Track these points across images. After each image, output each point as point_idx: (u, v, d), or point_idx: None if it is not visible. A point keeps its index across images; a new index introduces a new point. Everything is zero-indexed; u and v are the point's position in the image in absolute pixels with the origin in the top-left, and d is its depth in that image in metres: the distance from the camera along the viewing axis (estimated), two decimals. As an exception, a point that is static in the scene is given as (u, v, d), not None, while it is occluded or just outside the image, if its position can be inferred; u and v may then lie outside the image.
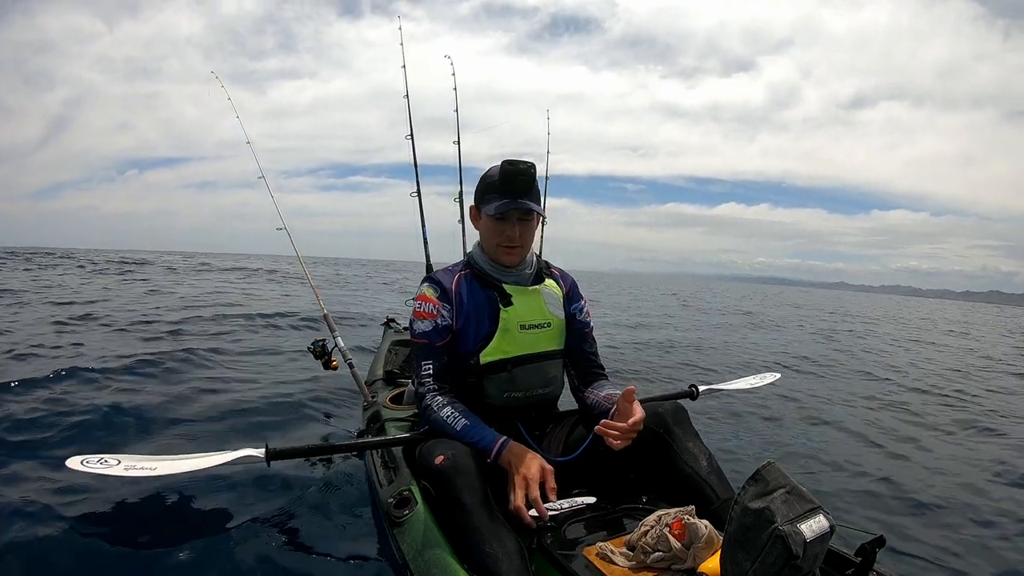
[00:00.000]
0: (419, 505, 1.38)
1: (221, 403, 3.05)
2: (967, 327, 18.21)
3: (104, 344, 4.42)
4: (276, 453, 1.46)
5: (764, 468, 1.01)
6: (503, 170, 1.47)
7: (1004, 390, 5.95)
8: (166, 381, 3.45)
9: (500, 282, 1.55)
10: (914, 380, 6.13)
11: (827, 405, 4.48)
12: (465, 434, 1.38)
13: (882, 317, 18.11)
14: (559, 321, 1.61)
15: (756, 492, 0.98)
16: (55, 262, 18.88)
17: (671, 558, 1.11)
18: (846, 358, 7.52)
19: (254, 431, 2.70)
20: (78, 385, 3.14)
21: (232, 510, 1.86)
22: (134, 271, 15.82)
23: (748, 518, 0.97)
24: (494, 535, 1.17)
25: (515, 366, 1.52)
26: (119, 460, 1.45)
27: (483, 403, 1.51)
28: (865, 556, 1.13)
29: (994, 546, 2.18)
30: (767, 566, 0.93)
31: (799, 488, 0.99)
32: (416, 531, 1.31)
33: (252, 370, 4.00)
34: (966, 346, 11.25)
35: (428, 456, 1.33)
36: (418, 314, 1.52)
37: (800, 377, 5.78)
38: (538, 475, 1.29)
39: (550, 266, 1.69)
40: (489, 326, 1.52)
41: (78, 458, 1.42)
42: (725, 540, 1.01)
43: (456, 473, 1.24)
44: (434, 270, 1.77)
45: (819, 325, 13.12)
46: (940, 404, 4.94)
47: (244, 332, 5.66)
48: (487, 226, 1.54)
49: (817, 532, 0.95)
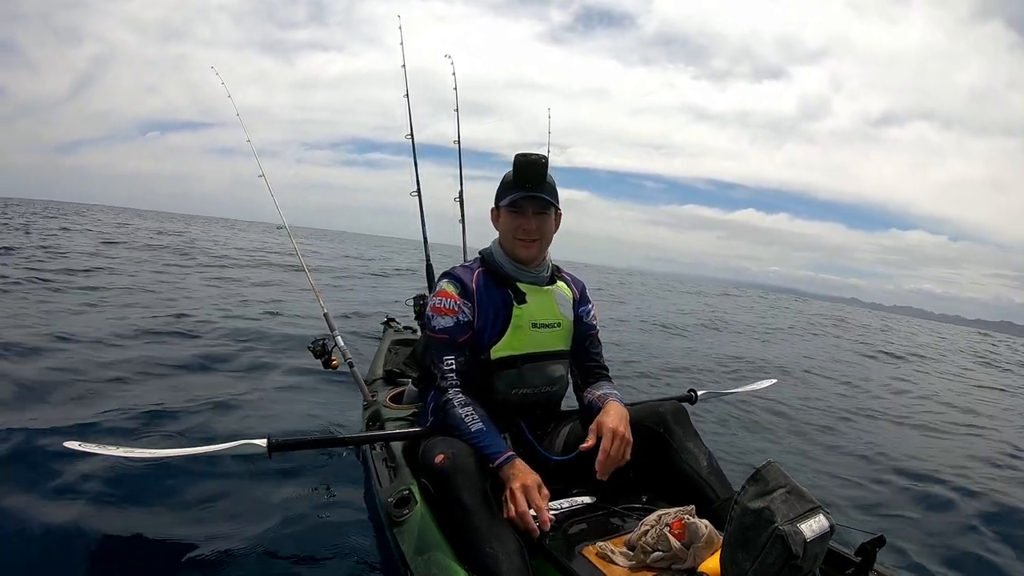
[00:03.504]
0: (419, 505, 1.37)
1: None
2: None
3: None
4: (278, 445, 1.42)
5: (764, 468, 1.01)
6: (515, 162, 1.50)
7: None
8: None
9: (516, 280, 1.57)
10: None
11: (829, 407, 4.49)
12: (476, 437, 1.37)
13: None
14: (568, 322, 1.63)
15: (756, 492, 0.98)
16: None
17: (671, 558, 1.11)
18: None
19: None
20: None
21: (231, 506, 1.86)
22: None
23: (748, 518, 0.97)
24: (494, 535, 1.17)
25: (524, 363, 1.54)
26: (117, 446, 1.44)
27: (491, 398, 1.51)
28: (865, 556, 1.13)
29: (995, 546, 2.19)
30: (767, 566, 0.93)
31: (799, 488, 0.99)
32: (416, 531, 1.31)
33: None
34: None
35: (429, 454, 1.33)
36: (438, 310, 1.52)
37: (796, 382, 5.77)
38: (535, 488, 1.27)
39: (561, 270, 1.71)
40: (502, 323, 1.53)
41: (75, 440, 1.41)
42: (725, 540, 1.01)
43: (456, 472, 1.24)
44: (434, 270, 1.76)
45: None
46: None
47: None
48: (504, 221, 1.56)
49: (817, 532, 0.95)
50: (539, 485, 1.28)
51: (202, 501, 1.90)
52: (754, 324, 12.75)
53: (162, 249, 13.30)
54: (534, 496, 1.25)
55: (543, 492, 1.28)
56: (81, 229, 17.18)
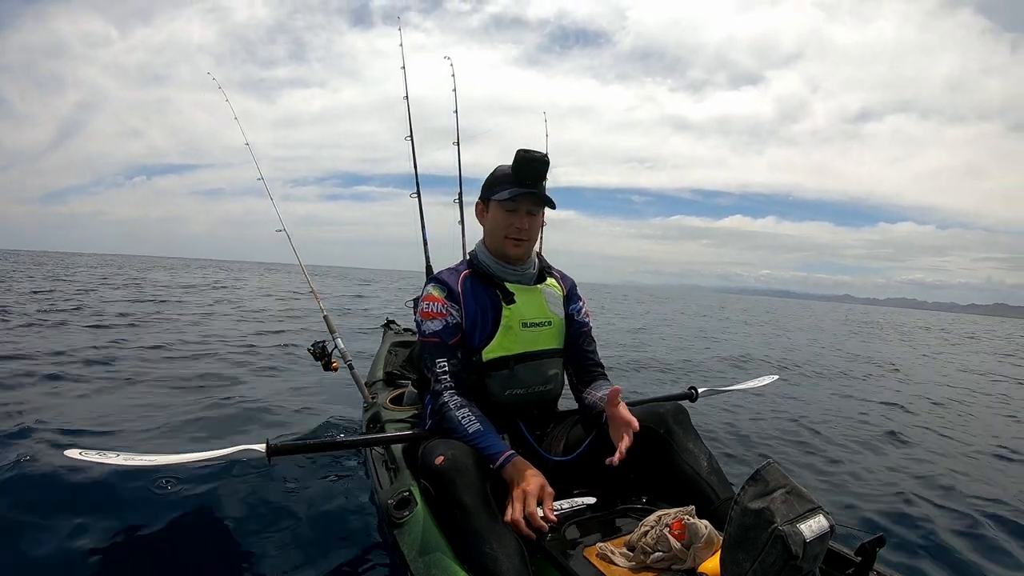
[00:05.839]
0: (419, 506, 1.37)
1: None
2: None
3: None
4: (277, 449, 1.42)
5: (764, 468, 1.01)
6: (517, 157, 1.47)
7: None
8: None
9: (503, 280, 1.56)
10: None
11: (830, 408, 4.49)
12: (475, 438, 1.36)
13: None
14: (559, 320, 1.62)
15: (756, 492, 0.98)
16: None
17: (671, 558, 1.10)
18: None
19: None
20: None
21: (230, 509, 1.86)
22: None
23: (748, 518, 0.97)
24: (494, 536, 1.17)
25: (517, 363, 1.53)
26: (117, 453, 1.44)
27: (485, 400, 1.51)
28: (865, 556, 1.13)
29: (994, 546, 2.18)
30: (767, 566, 0.93)
31: (799, 488, 0.99)
32: (416, 532, 1.31)
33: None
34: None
35: (429, 456, 1.33)
36: (427, 314, 1.52)
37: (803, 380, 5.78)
38: (536, 491, 1.26)
39: (550, 266, 1.70)
40: (492, 324, 1.52)
41: (76, 450, 1.41)
42: (725, 540, 1.01)
43: (456, 473, 1.24)
44: (434, 271, 1.76)
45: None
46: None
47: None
48: (495, 218, 1.54)
49: (817, 532, 0.95)
50: (541, 487, 1.27)
51: (202, 505, 1.90)
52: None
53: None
54: (531, 504, 1.24)
55: (547, 491, 1.27)
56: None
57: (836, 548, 1.18)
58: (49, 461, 2.06)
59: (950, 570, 1.98)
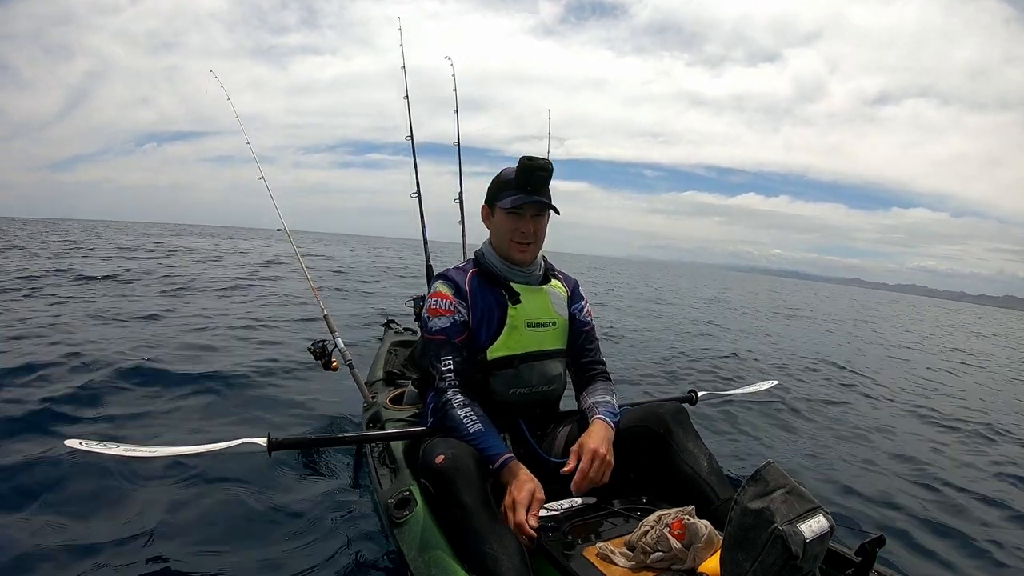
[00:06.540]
0: (419, 505, 1.38)
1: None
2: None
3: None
4: (279, 443, 1.42)
5: (764, 468, 1.01)
6: (521, 165, 1.49)
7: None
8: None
9: (509, 280, 1.57)
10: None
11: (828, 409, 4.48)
12: (476, 439, 1.37)
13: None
14: (564, 321, 1.64)
15: (756, 492, 0.98)
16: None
17: (671, 558, 1.11)
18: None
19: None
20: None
21: (229, 506, 1.86)
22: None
23: (748, 518, 0.97)
24: (494, 535, 1.17)
25: (521, 362, 1.54)
26: (118, 444, 1.44)
27: (489, 398, 1.52)
28: (865, 556, 1.13)
29: (994, 546, 2.18)
30: (767, 566, 0.93)
31: (799, 488, 0.99)
32: (416, 531, 1.31)
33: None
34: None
35: (429, 454, 1.33)
36: (434, 311, 1.53)
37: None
38: (526, 501, 1.26)
39: (554, 268, 1.71)
40: (497, 323, 1.54)
41: (76, 440, 1.41)
42: (725, 540, 1.01)
43: (456, 473, 1.24)
44: (435, 271, 1.76)
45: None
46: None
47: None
48: (500, 223, 1.56)
49: (817, 532, 0.95)
50: (533, 494, 1.27)
51: (201, 500, 1.90)
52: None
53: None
54: (519, 515, 1.24)
55: (537, 497, 1.27)
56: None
57: (836, 548, 1.18)
58: (51, 451, 2.06)
59: (950, 570, 1.98)
